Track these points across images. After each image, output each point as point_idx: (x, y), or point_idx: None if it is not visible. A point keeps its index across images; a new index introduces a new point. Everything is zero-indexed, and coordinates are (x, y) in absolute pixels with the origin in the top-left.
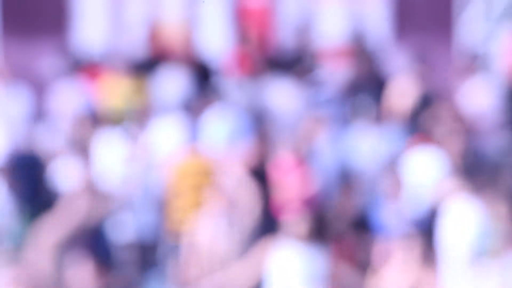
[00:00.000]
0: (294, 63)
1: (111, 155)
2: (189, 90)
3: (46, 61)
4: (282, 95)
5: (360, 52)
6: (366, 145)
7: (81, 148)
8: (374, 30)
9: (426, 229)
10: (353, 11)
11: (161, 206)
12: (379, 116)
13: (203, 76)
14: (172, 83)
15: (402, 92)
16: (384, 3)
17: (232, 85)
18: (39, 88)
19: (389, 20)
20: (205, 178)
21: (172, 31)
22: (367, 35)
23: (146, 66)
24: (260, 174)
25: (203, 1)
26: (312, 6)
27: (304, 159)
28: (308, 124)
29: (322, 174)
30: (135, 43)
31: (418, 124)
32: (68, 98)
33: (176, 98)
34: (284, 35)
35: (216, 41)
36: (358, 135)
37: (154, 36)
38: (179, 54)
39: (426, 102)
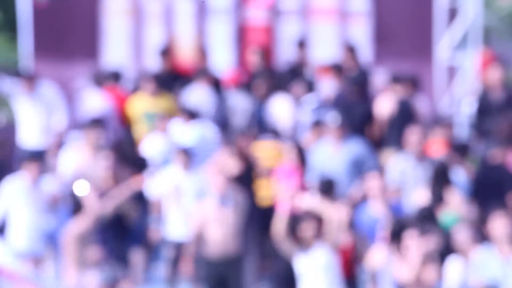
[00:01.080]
0: (292, 75)
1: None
2: (210, 101)
3: (77, 81)
4: (280, 105)
5: (351, 61)
6: (340, 154)
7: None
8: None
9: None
10: (341, 32)
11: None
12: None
13: (216, 88)
14: (194, 95)
15: (381, 107)
16: (367, 28)
17: (234, 95)
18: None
19: (370, 45)
20: None
21: (187, 49)
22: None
23: (165, 80)
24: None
25: (203, 1)
26: (307, 26)
27: (299, 166)
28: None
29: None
30: (154, 61)
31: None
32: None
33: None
34: (283, 50)
35: (222, 56)
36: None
37: (170, 53)
38: (195, 68)
39: (404, 115)
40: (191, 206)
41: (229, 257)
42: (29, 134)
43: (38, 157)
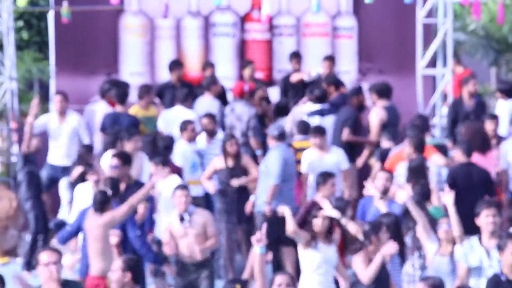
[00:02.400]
0: (289, 84)
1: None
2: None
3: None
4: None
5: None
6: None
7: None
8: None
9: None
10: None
11: None
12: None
13: (222, 99)
14: (202, 105)
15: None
16: (354, 44)
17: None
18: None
19: (357, 59)
20: None
21: (195, 63)
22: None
23: (175, 92)
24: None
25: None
26: (302, 41)
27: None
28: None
29: None
30: (165, 75)
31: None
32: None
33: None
34: (280, 62)
35: (226, 68)
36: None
37: (180, 66)
38: (203, 81)
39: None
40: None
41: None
42: (55, 155)
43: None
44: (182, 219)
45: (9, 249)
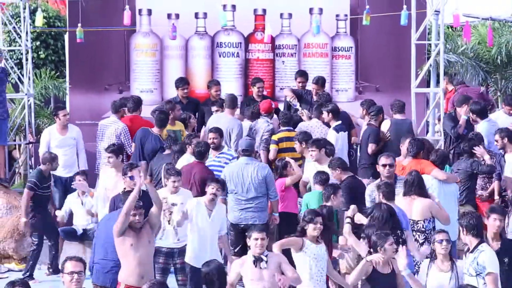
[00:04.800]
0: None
1: None
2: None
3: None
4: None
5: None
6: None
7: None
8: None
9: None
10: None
11: None
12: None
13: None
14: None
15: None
16: (351, 65)
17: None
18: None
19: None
20: None
21: (201, 80)
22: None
23: (182, 108)
24: None
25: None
26: (302, 60)
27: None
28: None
29: None
30: (173, 92)
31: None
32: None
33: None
34: (282, 80)
35: (231, 86)
36: None
37: (185, 84)
38: (209, 97)
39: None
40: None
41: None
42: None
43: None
44: (258, 260)
45: (26, 256)
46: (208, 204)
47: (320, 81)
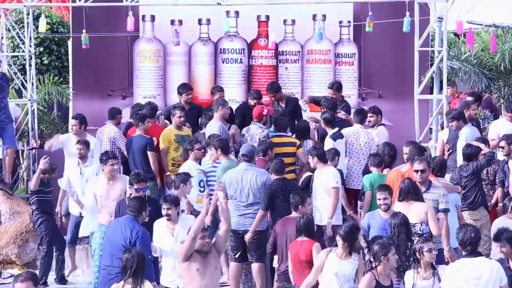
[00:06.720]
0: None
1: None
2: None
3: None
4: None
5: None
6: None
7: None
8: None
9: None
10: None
11: None
12: None
13: (230, 118)
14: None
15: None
16: (354, 72)
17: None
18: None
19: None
20: None
21: (205, 86)
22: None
23: (185, 114)
24: None
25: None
26: (305, 67)
27: None
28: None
29: None
30: (176, 98)
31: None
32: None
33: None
34: (284, 86)
35: (234, 92)
36: None
37: (188, 90)
38: (212, 103)
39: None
40: None
41: None
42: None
43: None
44: None
45: (28, 261)
46: (169, 224)
47: (335, 86)
